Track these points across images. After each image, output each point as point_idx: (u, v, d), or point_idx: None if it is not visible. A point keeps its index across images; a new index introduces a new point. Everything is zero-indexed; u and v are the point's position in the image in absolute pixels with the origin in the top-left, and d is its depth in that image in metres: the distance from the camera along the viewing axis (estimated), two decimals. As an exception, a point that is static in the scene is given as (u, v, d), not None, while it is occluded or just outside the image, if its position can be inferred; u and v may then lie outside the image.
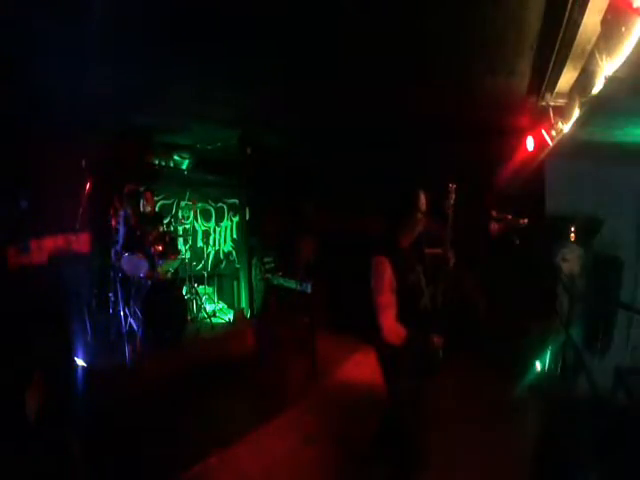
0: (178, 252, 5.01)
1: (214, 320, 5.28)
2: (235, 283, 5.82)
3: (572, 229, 3.36)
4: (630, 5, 1.46)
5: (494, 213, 4.25)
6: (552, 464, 2.52)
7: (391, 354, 2.05)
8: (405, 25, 2.38)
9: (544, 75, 2.66)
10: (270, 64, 2.92)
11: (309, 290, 4.37)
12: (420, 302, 2.10)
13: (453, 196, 2.05)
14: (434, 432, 2.46)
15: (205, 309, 5.38)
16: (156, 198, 5.45)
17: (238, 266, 6.17)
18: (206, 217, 6.52)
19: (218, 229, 6.71)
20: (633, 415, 2.29)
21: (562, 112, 2.90)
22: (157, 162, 5.56)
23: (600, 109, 2.29)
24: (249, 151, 5.24)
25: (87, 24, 2.18)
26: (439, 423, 2.84)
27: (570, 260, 3.31)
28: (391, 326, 1.96)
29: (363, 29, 2.41)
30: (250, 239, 5.58)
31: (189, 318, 5.07)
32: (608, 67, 1.82)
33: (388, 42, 2.56)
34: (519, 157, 4.01)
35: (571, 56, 2.20)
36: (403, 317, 1.98)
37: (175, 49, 2.66)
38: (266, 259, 5.56)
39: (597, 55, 1.86)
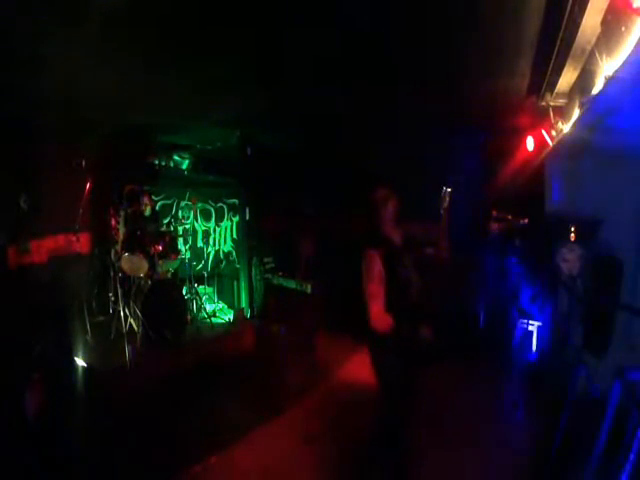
0: (178, 252, 5.00)
1: (214, 320, 5.27)
2: (235, 283, 5.80)
3: (572, 229, 3.35)
4: (630, 5, 1.46)
5: (494, 213, 4.25)
6: (551, 463, 2.52)
7: (378, 339, 2.15)
8: (405, 25, 2.38)
9: (544, 75, 2.67)
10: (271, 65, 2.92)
11: (309, 290, 4.37)
12: (409, 295, 2.21)
13: (447, 199, 2.24)
14: (429, 428, 2.46)
15: (205, 309, 5.37)
16: (156, 198, 5.45)
17: (238, 266, 6.15)
18: (206, 217, 6.52)
19: (218, 229, 6.71)
20: (633, 415, 2.29)
21: (562, 112, 2.91)
22: (157, 162, 5.56)
23: (600, 109, 2.29)
24: (249, 151, 5.24)
25: (87, 25, 2.18)
26: (433, 418, 2.85)
27: (570, 260, 3.30)
28: (379, 313, 2.09)
29: (362, 29, 2.41)
30: (250, 239, 5.58)
31: (189, 318, 5.06)
32: (608, 67, 1.83)
33: (388, 42, 2.56)
34: (519, 157, 4.01)
35: (571, 56, 2.20)
36: (392, 309, 2.10)
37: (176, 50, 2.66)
38: (266, 259, 5.56)
39: (597, 55, 1.86)
